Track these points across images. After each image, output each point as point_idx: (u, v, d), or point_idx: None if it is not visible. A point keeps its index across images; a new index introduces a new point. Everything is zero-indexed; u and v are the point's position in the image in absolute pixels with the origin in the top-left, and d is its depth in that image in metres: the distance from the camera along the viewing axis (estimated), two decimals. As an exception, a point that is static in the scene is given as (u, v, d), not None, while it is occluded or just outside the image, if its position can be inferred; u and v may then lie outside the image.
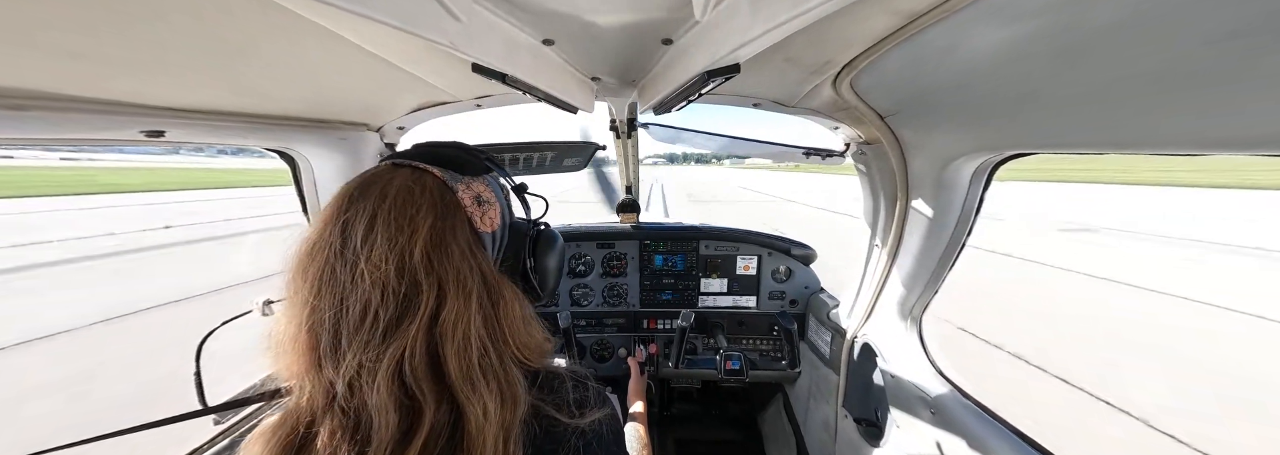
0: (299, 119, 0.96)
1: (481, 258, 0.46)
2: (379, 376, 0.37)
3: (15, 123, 0.55)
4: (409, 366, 0.38)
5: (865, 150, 1.10)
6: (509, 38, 0.65)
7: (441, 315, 0.40)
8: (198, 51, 0.57)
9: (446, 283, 0.41)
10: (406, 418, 0.38)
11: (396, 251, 0.40)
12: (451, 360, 0.39)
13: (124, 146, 2.52)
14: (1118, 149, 0.53)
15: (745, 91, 1.04)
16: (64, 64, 0.51)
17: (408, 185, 0.45)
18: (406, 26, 0.43)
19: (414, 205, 0.43)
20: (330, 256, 0.41)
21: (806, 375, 1.62)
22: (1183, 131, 0.45)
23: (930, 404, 0.96)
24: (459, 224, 0.46)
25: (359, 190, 0.44)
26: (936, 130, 0.83)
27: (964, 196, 0.86)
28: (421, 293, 0.40)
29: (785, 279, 1.77)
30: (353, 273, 0.40)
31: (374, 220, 0.41)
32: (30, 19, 0.42)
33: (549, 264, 0.58)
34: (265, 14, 0.50)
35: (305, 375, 0.40)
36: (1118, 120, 0.50)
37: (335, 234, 0.42)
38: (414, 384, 0.38)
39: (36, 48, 0.47)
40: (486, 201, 0.50)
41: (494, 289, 0.45)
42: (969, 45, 0.59)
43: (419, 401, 0.38)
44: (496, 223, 0.51)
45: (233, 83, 0.71)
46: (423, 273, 0.41)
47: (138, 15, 0.45)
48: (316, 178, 1.13)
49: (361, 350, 0.38)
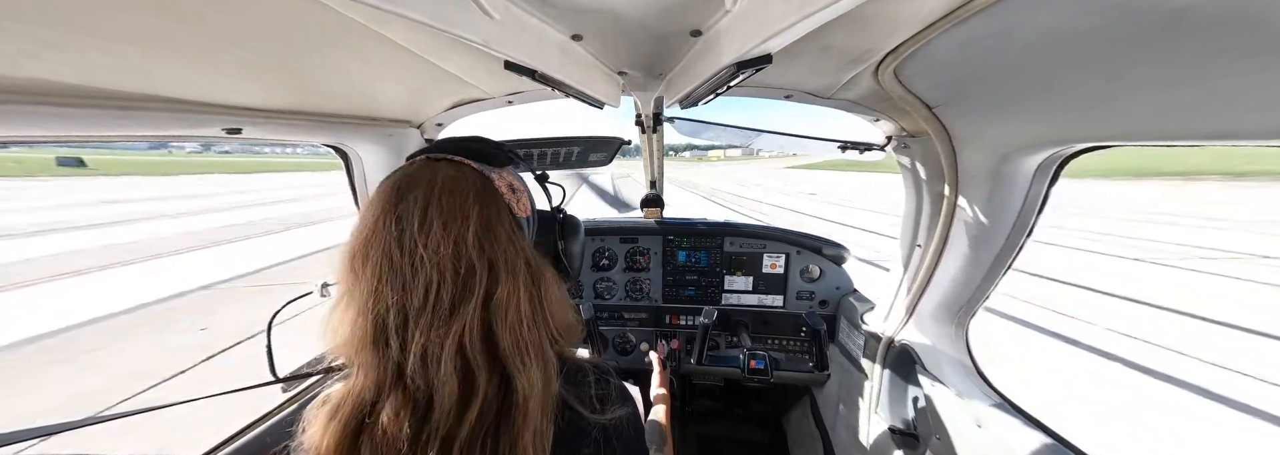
0: (352, 117, 1.03)
1: (522, 241, 0.49)
2: (445, 351, 0.41)
3: (122, 121, 0.63)
4: (469, 341, 0.42)
5: (909, 144, 1.02)
6: (539, 34, 0.66)
7: (495, 295, 0.44)
8: (269, 55, 0.62)
9: (497, 264, 0.45)
10: (465, 388, 0.41)
11: (451, 237, 0.43)
12: (504, 335, 0.43)
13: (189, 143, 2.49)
14: (1221, 139, 0.46)
15: (777, 83, 0.99)
16: (162, 69, 0.58)
17: (453, 176, 0.48)
18: (444, 26, 0.44)
19: (462, 194, 0.46)
20: (388, 245, 0.43)
21: (836, 379, 1.56)
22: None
23: (976, 416, 0.89)
24: (501, 210, 0.49)
25: (406, 184, 0.47)
26: (993, 121, 0.76)
27: (1024, 194, 0.78)
28: (476, 274, 0.43)
29: (816, 279, 1.70)
30: (412, 259, 0.42)
31: (428, 210, 0.44)
32: (126, 27, 0.47)
33: (574, 247, 0.62)
34: (323, 19, 0.54)
35: (368, 356, 0.43)
36: (1220, 105, 0.43)
37: (390, 224, 0.44)
38: (473, 357, 0.42)
39: (138, 56, 0.53)
40: (518, 190, 0.54)
41: (535, 270, 0.48)
42: (1035, 25, 0.52)
43: (474, 373, 0.42)
44: (529, 209, 0.54)
45: (298, 84, 0.77)
46: (476, 256, 0.44)
47: (214, 23, 0.50)
48: (366, 171, 1.22)
49: (429, 328, 0.41)
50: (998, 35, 0.57)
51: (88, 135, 0.65)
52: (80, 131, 0.63)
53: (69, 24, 0.44)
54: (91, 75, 0.55)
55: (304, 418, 0.46)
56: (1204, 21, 0.39)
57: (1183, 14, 0.40)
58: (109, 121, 0.63)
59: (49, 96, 0.56)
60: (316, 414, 0.44)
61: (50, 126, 0.59)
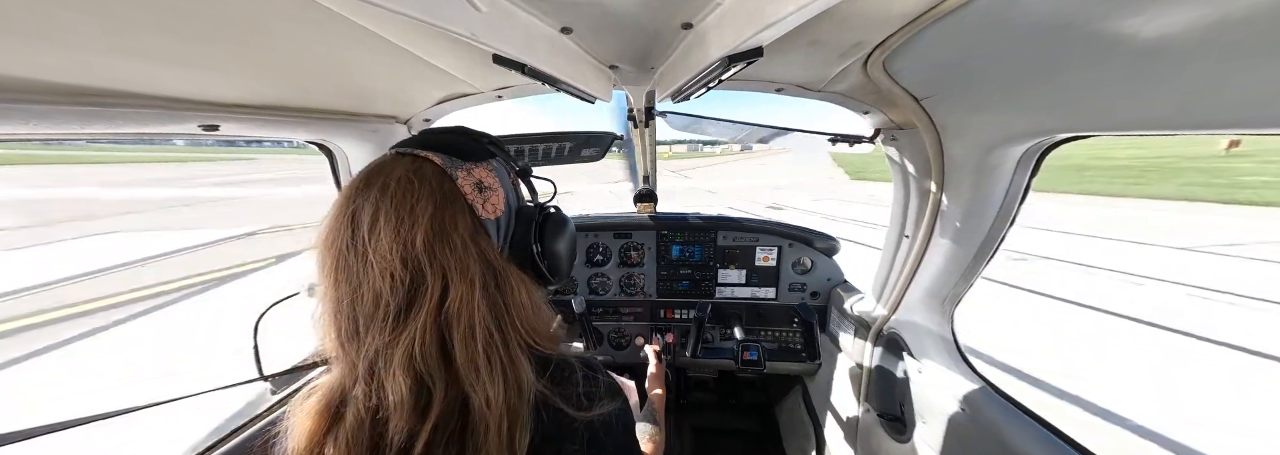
0: (336, 112, 1.01)
1: (485, 244, 0.46)
2: (394, 361, 0.39)
3: (90, 118, 0.61)
4: (419, 352, 0.40)
5: (897, 135, 1.04)
6: (528, 27, 0.65)
7: (446, 303, 0.41)
8: (247, 49, 0.60)
9: (450, 271, 0.42)
10: (421, 400, 0.40)
11: (400, 242, 0.41)
12: (458, 347, 0.41)
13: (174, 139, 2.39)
14: (1194, 128, 0.48)
15: (768, 76, 1.00)
16: (132, 64, 0.56)
17: (407, 175, 0.45)
18: (430, 19, 0.43)
19: (414, 195, 0.43)
20: (342, 247, 0.42)
21: (827, 367, 1.60)
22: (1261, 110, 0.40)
23: (960, 400, 0.92)
24: (459, 212, 0.45)
25: (364, 181, 0.45)
26: (978, 113, 0.77)
27: (1007, 184, 0.80)
28: (427, 281, 0.41)
29: (808, 270, 1.73)
30: (363, 263, 0.41)
31: (377, 211, 0.42)
32: (100, 21, 0.46)
33: (559, 248, 0.56)
34: (305, 11, 0.52)
35: (339, 354, 0.43)
36: (1195, 95, 0.45)
37: (345, 225, 0.43)
38: (425, 370, 0.40)
39: (108, 50, 0.51)
40: (488, 188, 0.49)
41: (500, 275, 0.45)
42: (1017, 18, 0.54)
43: (428, 385, 0.40)
44: (500, 209, 0.50)
45: (278, 78, 0.75)
46: (426, 262, 0.41)
47: (192, 16, 0.48)
48: (352, 168, 1.19)
49: (377, 336, 0.40)
50: (982, 28, 0.59)
51: (53, 133, 0.63)
52: (46, 130, 0.60)
53: (34, 18, 0.42)
54: (57, 71, 0.53)
55: (289, 407, 0.45)
56: (1182, 14, 0.41)
57: (1162, 7, 0.41)
58: (77, 119, 0.60)
59: (19, 94, 0.54)
60: (302, 404, 0.44)
61: (21, 125, 0.57)
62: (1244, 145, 31.05)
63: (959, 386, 0.94)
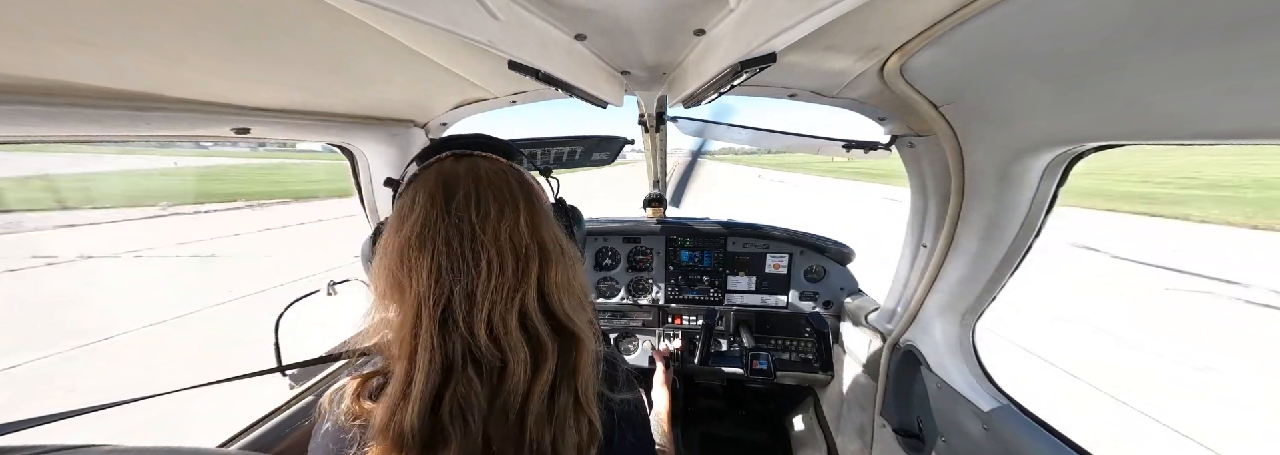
0: (358, 117, 1.05)
1: (557, 226, 0.54)
2: (511, 321, 0.45)
3: (134, 121, 0.65)
4: (531, 312, 0.46)
5: (914, 143, 1.01)
6: (543, 34, 0.66)
7: (548, 269, 0.49)
8: (277, 55, 0.63)
9: (546, 244, 0.50)
10: (535, 354, 0.46)
11: (506, 222, 0.48)
12: (560, 302, 0.48)
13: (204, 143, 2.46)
14: (1240, 139, 0.45)
15: (781, 82, 0.99)
16: (170, 69, 0.59)
17: (494, 169, 0.52)
18: (451, 27, 0.44)
19: (506, 184, 0.51)
20: (448, 235, 0.46)
21: (840, 379, 1.55)
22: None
23: (982, 417, 0.88)
24: (537, 198, 0.53)
25: (451, 178, 0.49)
26: (1002, 120, 0.75)
27: (1032, 194, 0.77)
28: (531, 254, 0.48)
29: (819, 278, 1.69)
30: (475, 244, 0.46)
31: (483, 199, 0.48)
32: (137, 28, 0.48)
33: (581, 236, 0.68)
34: (332, 19, 0.54)
35: (432, 339, 0.44)
36: (1240, 104, 0.42)
37: (447, 215, 0.47)
38: (535, 325, 0.46)
39: (148, 55, 0.53)
40: (537, 181, 0.58)
41: (568, 250, 0.53)
42: (1044, 20, 0.52)
43: (542, 340, 0.46)
44: (549, 198, 0.59)
45: (306, 84, 0.78)
46: (531, 237, 0.49)
47: (224, 22, 0.51)
48: (372, 170, 1.23)
49: (495, 302, 0.45)
50: (1004, 32, 0.57)
51: (101, 135, 0.66)
52: (94, 132, 0.64)
53: (86, 27, 0.45)
54: (107, 76, 0.56)
55: (335, 411, 0.46)
56: (1223, 17, 0.38)
57: (1200, 9, 0.39)
58: (122, 122, 0.64)
59: (66, 97, 0.57)
60: (362, 406, 0.45)
61: (65, 127, 0.60)
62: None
63: (981, 403, 0.90)
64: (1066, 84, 0.58)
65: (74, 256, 7.87)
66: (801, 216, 12.29)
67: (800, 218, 11.52)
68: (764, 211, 14.59)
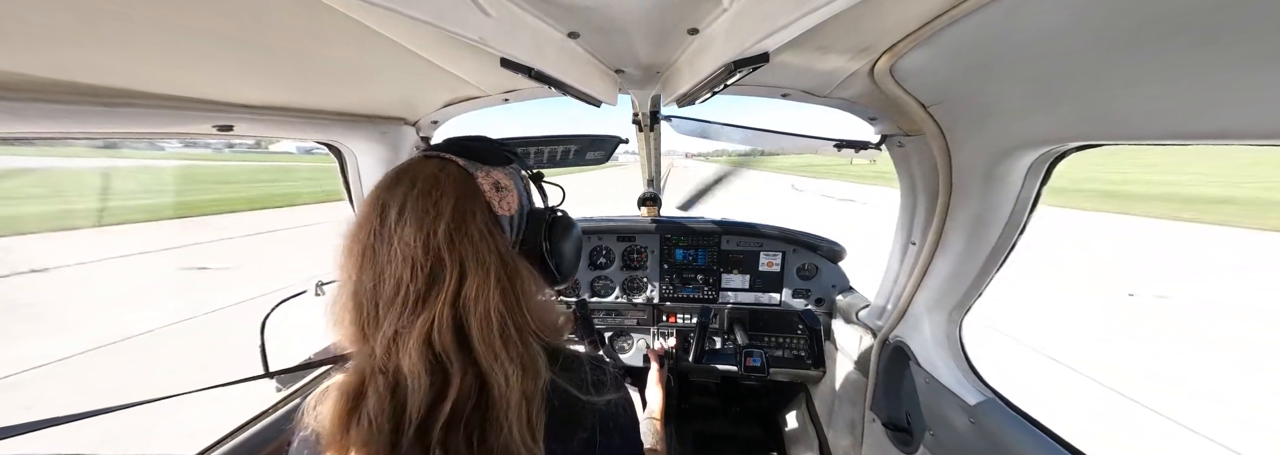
0: (346, 114, 1.03)
1: (499, 238, 0.50)
2: (411, 343, 0.42)
3: (110, 118, 0.63)
4: (437, 335, 0.42)
5: (904, 142, 1.03)
6: (536, 31, 0.66)
7: (463, 290, 0.44)
8: (262, 51, 0.61)
9: (467, 260, 0.45)
10: (437, 381, 0.42)
11: (423, 231, 0.45)
12: (475, 331, 0.43)
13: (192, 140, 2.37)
14: (1215, 139, 0.46)
15: (773, 82, 1.00)
16: (148, 64, 0.57)
17: (434, 173, 0.49)
18: (441, 23, 0.44)
19: (439, 190, 0.47)
20: (371, 236, 0.46)
21: (832, 375, 1.58)
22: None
23: (968, 411, 0.90)
24: (478, 207, 0.49)
25: (394, 178, 0.50)
26: (988, 120, 0.76)
27: (1017, 193, 0.79)
28: (445, 269, 0.44)
29: (811, 276, 1.71)
30: (388, 250, 0.44)
31: (405, 204, 0.46)
32: (115, 22, 0.47)
33: (565, 248, 0.60)
34: (318, 15, 0.53)
35: (356, 341, 0.45)
36: (1217, 102, 0.44)
37: (375, 216, 0.47)
38: (443, 351, 0.42)
39: (124, 50, 0.52)
40: (504, 188, 0.54)
41: (511, 267, 0.48)
42: (1028, 23, 0.53)
43: (446, 367, 0.42)
44: (514, 208, 0.54)
45: (293, 81, 0.76)
46: (446, 251, 0.45)
47: (207, 17, 0.49)
48: (361, 169, 1.21)
49: (396, 319, 0.43)
50: (991, 34, 0.58)
51: (75, 132, 0.64)
52: (68, 128, 0.62)
53: (58, 19, 0.43)
54: (80, 71, 0.54)
55: (306, 403, 0.46)
56: (1200, 20, 0.40)
57: (1178, 11, 0.41)
58: (97, 118, 0.62)
59: (38, 93, 0.55)
60: (323, 397, 0.45)
61: (38, 123, 0.58)
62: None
63: (968, 397, 0.92)
64: (1047, 86, 0.60)
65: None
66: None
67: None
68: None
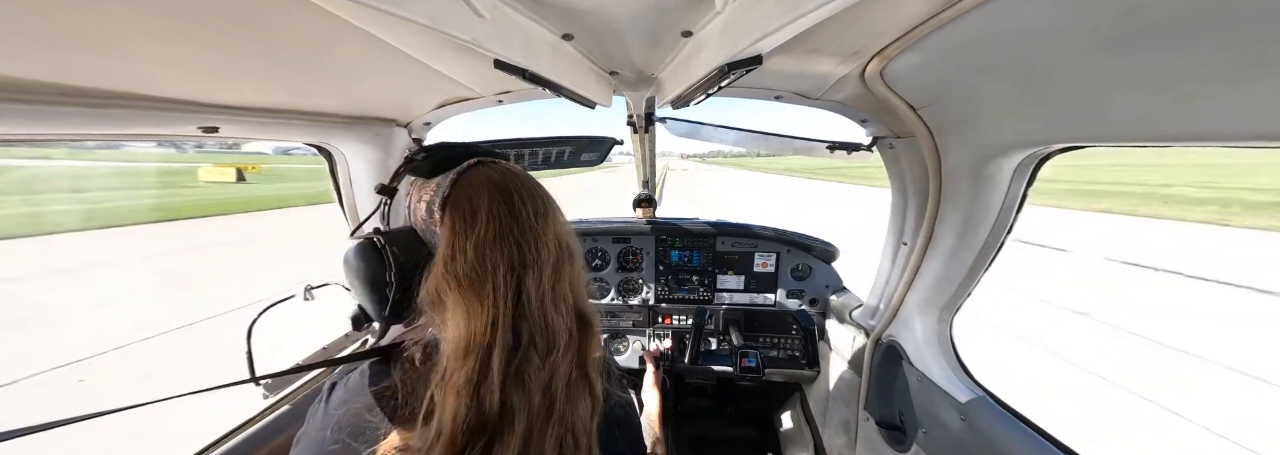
0: (337, 116, 1.01)
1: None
2: (562, 306, 0.53)
3: (92, 119, 0.61)
4: (567, 297, 0.54)
5: (894, 144, 1.05)
6: (530, 33, 0.66)
7: (574, 262, 0.57)
8: (248, 51, 0.60)
9: (573, 241, 0.58)
10: (570, 333, 0.53)
11: (553, 221, 0.56)
12: (582, 290, 0.57)
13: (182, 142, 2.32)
14: (1192, 141, 0.48)
15: (767, 84, 1.01)
16: (131, 65, 0.56)
17: (524, 174, 0.58)
18: (434, 25, 0.44)
19: (540, 187, 0.58)
20: (516, 236, 0.52)
21: (826, 375, 1.59)
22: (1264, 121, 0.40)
23: (959, 409, 0.92)
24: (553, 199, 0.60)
25: (501, 183, 0.55)
26: (975, 123, 0.78)
27: (1004, 194, 0.81)
28: (566, 248, 0.56)
29: (805, 276, 1.72)
30: (538, 242, 0.53)
31: (535, 202, 0.55)
32: (98, 22, 0.46)
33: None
34: (309, 16, 0.53)
35: (507, 327, 0.49)
36: (1194, 106, 0.45)
37: (511, 217, 0.53)
38: (568, 310, 0.54)
39: (107, 50, 0.51)
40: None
41: (578, 247, 0.60)
42: (1013, 29, 0.54)
43: (572, 321, 0.54)
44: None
45: (281, 82, 0.75)
46: (565, 235, 0.56)
47: (193, 17, 0.48)
48: (351, 171, 1.19)
49: (553, 291, 0.53)
50: (978, 38, 0.59)
51: (54, 134, 0.62)
52: (46, 130, 0.60)
53: (40, 20, 0.42)
54: (64, 73, 0.53)
55: (348, 399, 0.52)
56: (1178, 26, 0.41)
57: (1159, 19, 0.42)
58: (77, 120, 0.60)
59: (15, 94, 0.54)
60: (431, 386, 0.49)
61: (18, 125, 0.57)
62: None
63: (959, 395, 0.93)
64: (1033, 89, 0.61)
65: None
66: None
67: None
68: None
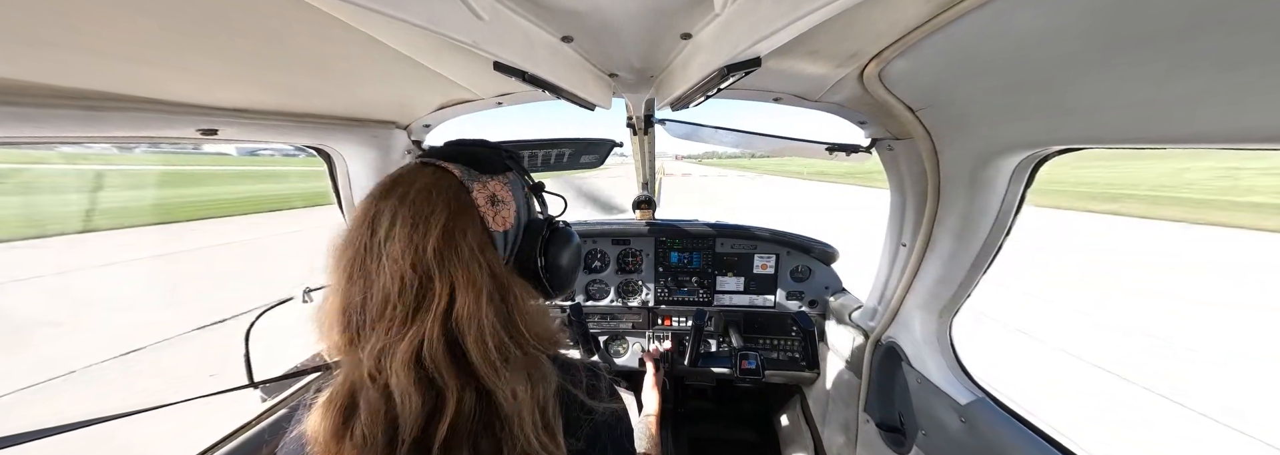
0: (336, 118, 1.01)
1: (491, 256, 0.48)
2: (397, 360, 0.40)
3: (86, 122, 0.61)
4: (428, 353, 0.41)
5: (893, 146, 1.05)
6: (529, 35, 0.66)
7: (454, 309, 0.43)
8: (247, 54, 0.60)
9: (458, 279, 0.44)
10: (430, 399, 0.40)
11: (412, 247, 0.43)
12: (473, 349, 0.42)
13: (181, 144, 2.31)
14: (1182, 143, 0.48)
15: (766, 86, 1.01)
16: (129, 67, 0.56)
17: (427, 185, 0.48)
18: (433, 27, 0.44)
19: (430, 205, 0.46)
20: (360, 248, 0.45)
21: (826, 377, 1.58)
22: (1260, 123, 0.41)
23: (959, 410, 0.91)
24: (471, 224, 0.48)
25: (388, 187, 0.48)
26: (973, 124, 0.78)
27: (1002, 195, 0.81)
28: (434, 286, 0.43)
29: (804, 278, 1.72)
30: (377, 264, 0.43)
31: (396, 217, 0.45)
32: (96, 24, 0.46)
33: (562, 262, 0.59)
34: (307, 18, 0.53)
35: (344, 352, 0.44)
36: (1193, 107, 0.45)
37: (365, 227, 0.45)
38: (434, 369, 0.41)
39: (105, 52, 0.51)
40: (501, 201, 0.52)
41: (503, 286, 0.47)
42: (1010, 31, 0.55)
43: (440, 386, 0.41)
44: (510, 222, 0.53)
45: (279, 84, 0.75)
46: (435, 268, 0.43)
47: (192, 19, 0.48)
48: (350, 173, 1.19)
49: (383, 335, 0.41)
50: (975, 41, 0.60)
51: (51, 136, 0.62)
52: (43, 133, 0.60)
53: (36, 22, 0.42)
54: (55, 74, 0.53)
55: (302, 404, 0.46)
56: (1174, 28, 0.41)
57: (1155, 21, 0.42)
58: (74, 123, 0.60)
59: (12, 96, 0.53)
60: (314, 401, 0.44)
61: (15, 128, 0.56)
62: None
63: (959, 397, 0.93)
64: (1029, 91, 0.61)
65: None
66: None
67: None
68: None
